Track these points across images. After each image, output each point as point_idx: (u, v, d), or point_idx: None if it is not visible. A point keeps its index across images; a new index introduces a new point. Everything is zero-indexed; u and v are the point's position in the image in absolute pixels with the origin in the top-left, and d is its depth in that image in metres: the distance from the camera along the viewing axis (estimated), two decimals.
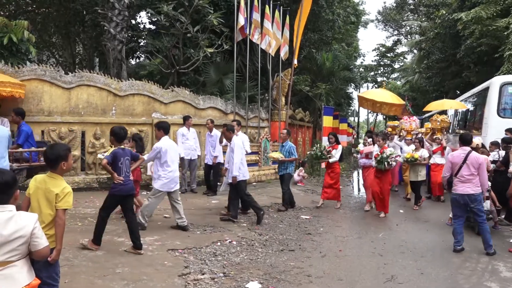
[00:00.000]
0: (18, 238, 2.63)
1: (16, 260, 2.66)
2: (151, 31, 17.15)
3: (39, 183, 3.34)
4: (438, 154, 11.04)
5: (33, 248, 2.73)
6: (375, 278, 5.21)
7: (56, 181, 3.36)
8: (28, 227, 2.68)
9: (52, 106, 10.10)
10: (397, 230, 7.85)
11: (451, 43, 22.18)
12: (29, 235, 2.68)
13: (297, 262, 5.69)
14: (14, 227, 2.63)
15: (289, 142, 9.59)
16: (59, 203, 3.28)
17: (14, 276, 2.63)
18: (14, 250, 2.63)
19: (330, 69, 23.69)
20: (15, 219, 2.66)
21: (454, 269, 5.65)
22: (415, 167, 10.27)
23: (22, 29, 10.50)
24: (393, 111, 13.30)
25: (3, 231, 2.59)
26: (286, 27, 15.17)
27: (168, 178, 6.78)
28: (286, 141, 9.56)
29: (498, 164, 8.33)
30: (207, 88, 15.34)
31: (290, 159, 9.29)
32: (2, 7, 16.53)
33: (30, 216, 2.77)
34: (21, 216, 2.71)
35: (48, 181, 3.35)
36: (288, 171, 9.38)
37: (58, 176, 3.40)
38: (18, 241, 2.64)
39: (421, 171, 10.26)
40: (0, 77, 8.89)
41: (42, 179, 3.37)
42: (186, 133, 10.44)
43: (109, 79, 10.94)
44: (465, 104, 14.85)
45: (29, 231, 2.68)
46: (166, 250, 5.83)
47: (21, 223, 2.67)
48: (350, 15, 24.97)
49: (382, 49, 43.05)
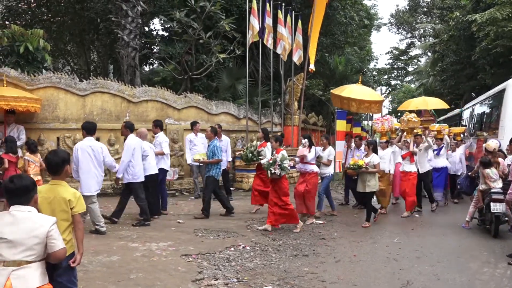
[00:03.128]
0: (33, 238, 2.73)
1: (31, 262, 2.73)
2: (164, 37, 17.31)
3: (45, 193, 3.29)
4: (407, 160, 9.39)
5: (50, 250, 2.80)
6: (390, 284, 5.15)
7: (63, 187, 3.37)
8: (44, 228, 2.78)
9: (67, 113, 10.23)
10: (412, 234, 7.75)
11: (466, 45, 21.92)
12: (45, 236, 2.77)
13: (311, 268, 5.65)
14: (31, 226, 2.74)
15: (214, 141, 8.68)
16: (75, 208, 3.31)
17: (27, 278, 2.70)
18: (29, 249, 2.72)
19: (343, 73, 23.61)
20: (32, 219, 2.78)
21: (471, 274, 5.55)
22: (362, 176, 8.44)
23: (37, 37, 10.69)
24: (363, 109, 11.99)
25: (19, 229, 2.71)
26: (299, 32, 15.16)
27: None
28: (211, 140, 8.73)
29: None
30: (220, 93, 15.40)
31: (212, 160, 8.43)
32: (19, 17, 16.86)
33: (47, 218, 2.87)
34: (38, 217, 2.84)
35: (55, 189, 3.33)
36: (212, 174, 8.46)
37: (63, 182, 3.41)
38: (34, 240, 2.73)
39: (369, 181, 8.36)
40: (16, 92, 9.02)
41: (47, 189, 3.35)
42: (193, 139, 10.38)
43: (123, 86, 11.06)
44: (480, 107, 14.65)
45: (45, 231, 2.77)
46: (180, 255, 5.84)
47: (38, 223, 2.79)
48: (363, 18, 24.87)
49: (395, 52, 42.73)
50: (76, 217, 3.32)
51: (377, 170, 8.42)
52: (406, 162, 9.41)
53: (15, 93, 8.98)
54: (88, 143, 6.90)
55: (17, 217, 2.77)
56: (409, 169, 9.37)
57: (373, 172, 8.36)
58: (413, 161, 9.35)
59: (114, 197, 9.98)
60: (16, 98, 8.82)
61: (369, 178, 8.37)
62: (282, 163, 7.36)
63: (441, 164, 10.75)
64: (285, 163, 7.37)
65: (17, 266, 2.70)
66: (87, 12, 16.79)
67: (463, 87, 24.64)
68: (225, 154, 10.41)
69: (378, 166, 8.46)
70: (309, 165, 8.25)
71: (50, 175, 3.46)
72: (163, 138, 8.97)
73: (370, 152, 8.61)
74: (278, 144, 7.95)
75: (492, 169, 7.72)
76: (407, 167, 9.40)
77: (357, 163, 8.37)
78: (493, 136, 11.11)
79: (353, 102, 11.30)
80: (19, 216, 2.78)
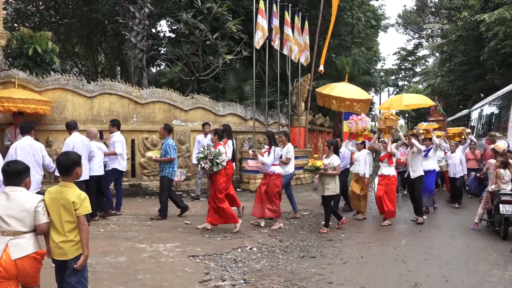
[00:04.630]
0: (24, 212, 3.24)
1: (25, 232, 3.24)
2: (171, 39, 17.38)
3: (53, 195, 3.42)
4: (385, 162, 8.63)
5: (36, 222, 3.28)
6: (398, 286, 5.11)
7: (70, 189, 3.45)
8: (32, 204, 3.28)
9: (75, 114, 10.29)
10: (420, 236, 7.70)
11: (474, 46, 21.77)
12: (33, 211, 3.27)
13: (318, 269, 5.63)
14: (22, 203, 3.26)
15: (168, 139, 8.35)
16: (79, 210, 3.38)
17: (21, 245, 3.21)
18: (22, 222, 3.24)
19: (350, 74, 23.47)
20: (23, 197, 3.29)
21: (480, 276, 5.50)
22: (322, 179, 7.85)
23: (46, 40, 10.77)
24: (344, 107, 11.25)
25: (13, 205, 3.23)
26: (305, 33, 15.14)
27: None
28: (164, 138, 8.45)
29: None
30: (227, 94, 15.42)
31: (164, 159, 8.18)
32: (27, 19, 17.00)
33: (35, 196, 3.38)
34: (28, 195, 3.34)
35: (62, 190, 3.44)
36: (165, 174, 8.23)
37: (71, 184, 3.49)
38: (24, 214, 3.24)
39: (328, 184, 7.71)
40: (24, 94, 9.08)
41: (56, 190, 3.47)
42: (201, 140, 10.38)
43: (130, 87, 11.11)
44: (489, 107, 14.53)
45: (33, 207, 3.27)
46: (187, 256, 5.84)
47: (28, 200, 3.29)
48: (370, 19, 24.77)
49: (402, 53, 42.53)
50: (80, 219, 3.39)
51: (336, 173, 7.75)
52: (384, 165, 8.64)
53: (24, 95, 9.05)
54: (28, 142, 6.85)
55: (11, 196, 3.26)
56: (387, 172, 8.57)
57: (332, 175, 7.72)
58: (391, 163, 8.62)
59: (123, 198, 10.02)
60: (24, 100, 8.89)
61: (328, 181, 7.71)
62: (214, 158, 7.09)
63: (429, 167, 9.69)
64: (219, 158, 7.12)
65: (13, 236, 3.20)
66: (94, 14, 16.90)
67: (471, 87, 24.46)
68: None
69: (338, 168, 7.83)
70: (272, 166, 7.86)
71: (61, 176, 3.57)
72: (118, 138, 8.65)
73: (331, 153, 7.91)
74: (217, 138, 7.67)
75: (506, 170, 7.65)
76: (385, 170, 8.60)
77: (314, 165, 7.73)
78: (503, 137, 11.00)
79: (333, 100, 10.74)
80: (12, 194, 3.27)
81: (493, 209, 7.77)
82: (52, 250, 3.40)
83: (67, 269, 3.39)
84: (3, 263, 3.13)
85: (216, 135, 7.72)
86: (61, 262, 3.42)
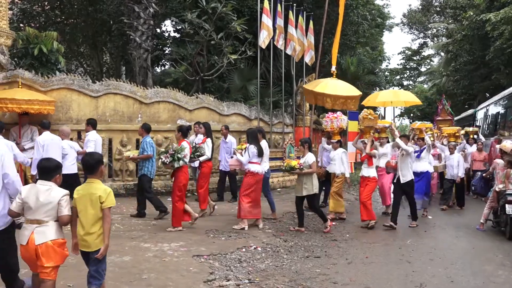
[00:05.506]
0: (49, 204, 3.64)
1: (48, 221, 3.64)
2: (176, 39, 17.40)
3: (82, 191, 3.83)
4: (365, 163, 8.38)
5: (59, 214, 3.67)
6: (403, 286, 5.10)
7: (96, 184, 3.84)
8: (57, 197, 3.66)
9: (81, 114, 10.32)
10: (425, 236, 7.67)
11: (480, 45, 21.67)
12: (57, 203, 3.65)
13: (323, 269, 5.62)
14: (49, 196, 3.65)
15: (146, 138, 8.11)
16: (104, 202, 3.76)
17: (45, 232, 3.62)
18: (47, 212, 3.64)
19: (354, 74, 23.44)
20: (50, 191, 3.68)
21: (485, 277, 5.47)
22: (299, 178, 7.72)
23: (51, 40, 10.81)
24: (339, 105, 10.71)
25: (41, 198, 3.63)
26: (310, 32, 15.12)
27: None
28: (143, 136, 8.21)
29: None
30: (231, 94, 15.42)
31: (141, 156, 8.01)
32: (33, 19, 17.07)
33: (61, 191, 3.73)
34: (55, 190, 3.71)
35: (89, 186, 3.83)
36: (144, 172, 8.03)
37: (96, 180, 3.88)
38: (49, 206, 3.64)
39: (306, 183, 7.52)
40: (28, 95, 9.11)
41: (84, 186, 3.88)
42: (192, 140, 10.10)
43: (135, 87, 11.12)
44: (495, 107, 14.45)
45: (57, 200, 3.65)
46: (192, 256, 5.85)
47: (53, 194, 3.67)
48: (376, 17, 24.69)
49: (407, 52, 42.35)
50: (105, 211, 3.77)
51: (312, 171, 7.57)
52: (364, 166, 8.42)
53: (27, 95, 9.08)
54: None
55: (40, 189, 3.67)
56: (367, 174, 8.32)
57: (308, 173, 7.55)
58: (371, 164, 8.34)
59: (127, 197, 10.05)
60: (28, 101, 8.91)
61: (305, 180, 7.55)
62: (176, 153, 6.94)
63: (421, 168, 9.26)
64: (181, 154, 6.97)
65: (38, 224, 3.62)
66: (99, 14, 16.94)
67: (477, 87, 24.35)
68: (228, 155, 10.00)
69: (314, 166, 7.62)
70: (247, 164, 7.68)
71: (87, 174, 3.97)
72: (91, 137, 8.43)
73: (306, 151, 7.74)
74: (181, 135, 7.54)
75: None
76: (365, 172, 8.36)
77: (289, 164, 7.56)
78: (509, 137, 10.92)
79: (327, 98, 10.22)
80: (41, 188, 3.68)
81: (499, 209, 7.74)
82: (78, 242, 3.81)
83: (90, 260, 3.82)
84: (27, 247, 3.59)
85: (179, 132, 7.59)
86: (86, 253, 3.84)
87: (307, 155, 7.66)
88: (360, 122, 8.87)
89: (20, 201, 3.67)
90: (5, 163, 3.84)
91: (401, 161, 8.26)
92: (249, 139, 7.81)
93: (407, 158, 8.22)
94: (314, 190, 7.61)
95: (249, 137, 7.82)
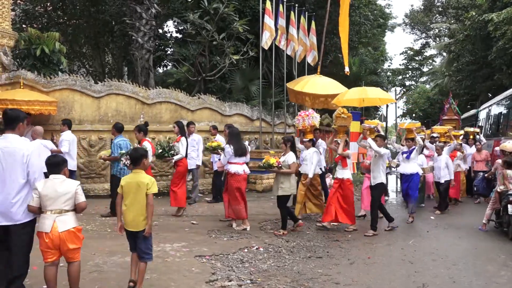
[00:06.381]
0: (67, 194, 4.00)
1: (68, 210, 4.01)
2: (178, 39, 17.43)
3: (129, 179, 4.46)
4: (339, 164, 7.96)
5: (76, 202, 4.05)
6: (406, 286, 5.09)
7: (142, 174, 4.48)
8: (73, 187, 4.05)
9: (83, 114, 10.35)
10: (428, 237, 7.66)
11: (482, 45, 21.63)
12: (74, 193, 4.03)
13: (325, 269, 5.61)
14: (65, 187, 4.02)
15: (116, 138, 7.96)
16: (150, 189, 4.37)
17: (66, 220, 3.98)
18: (66, 201, 4.00)
19: (356, 74, 23.46)
20: (65, 183, 4.06)
21: (488, 277, 5.46)
22: (276, 177, 7.45)
23: (53, 40, 10.85)
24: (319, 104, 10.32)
25: (59, 189, 3.99)
26: (312, 33, 15.10)
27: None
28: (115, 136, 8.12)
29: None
30: (233, 94, 15.44)
31: (111, 157, 8.01)
32: (35, 20, 17.12)
33: (73, 182, 4.13)
34: (69, 181, 4.10)
35: (136, 176, 4.45)
36: (113, 172, 8.01)
37: (141, 171, 4.51)
38: (67, 196, 4.00)
39: (283, 183, 7.24)
40: (28, 96, 9.12)
41: (130, 176, 4.52)
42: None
43: (137, 88, 11.15)
44: (497, 107, 14.41)
45: (73, 190, 4.04)
46: (194, 256, 5.85)
47: (69, 185, 4.06)
48: (378, 17, 24.69)
49: (410, 53, 42.28)
50: (149, 196, 4.37)
51: (290, 171, 7.27)
52: (338, 167, 8.01)
53: (28, 96, 9.10)
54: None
55: (54, 182, 4.01)
56: (341, 176, 7.84)
57: (286, 173, 7.28)
58: (345, 165, 7.87)
59: None
60: (28, 102, 8.94)
61: (283, 179, 7.28)
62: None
63: (410, 170, 8.80)
64: None
65: (59, 214, 3.96)
66: (102, 15, 16.99)
67: (479, 87, 24.30)
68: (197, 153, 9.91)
69: (293, 166, 7.32)
70: (227, 164, 7.62)
71: (133, 165, 4.62)
72: (65, 137, 8.38)
73: (288, 150, 7.47)
74: (142, 134, 7.48)
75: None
76: (339, 173, 7.91)
77: (268, 162, 7.26)
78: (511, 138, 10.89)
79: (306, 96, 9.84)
80: (56, 181, 4.02)
81: (501, 210, 7.72)
82: (126, 223, 4.40)
83: (138, 238, 4.41)
84: (51, 235, 3.89)
85: (140, 131, 7.50)
86: (133, 232, 4.42)
87: (288, 154, 7.40)
88: (334, 121, 8.43)
89: (37, 196, 3.95)
90: (30, 161, 4.02)
91: (373, 162, 7.90)
92: (228, 138, 7.71)
93: (379, 160, 7.79)
94: (291, 191, 7.37)
95: (229, 136, 7.72)
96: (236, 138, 7.68)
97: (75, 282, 4.12)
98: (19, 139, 4.08)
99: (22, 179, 3.97)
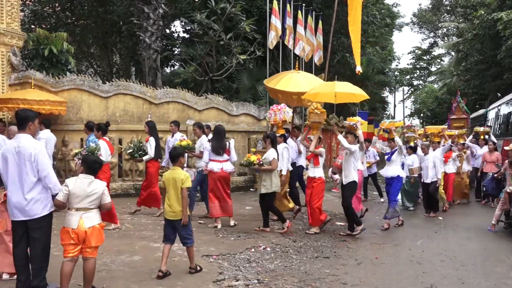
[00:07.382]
0: (94, 194, 4.21)
1: (93, 208, 4.23)
2: (185, 39, 17.47)
3: (169, 175, 5.03)
4: (311, 163, 7.69)
5: (102, 202, 4.28)
6: (414, 287, 5.06)
7: (179, 170, 5.06)
8: (100, 188, 4.27)
9: (91, 114, 10.40)
10: (436, 237, 7.61)
11: (491, 44, 21.44)
12: (101, 193, 4.25)
13: (332, 270, 5.60)
14: (93, 187, 4.23)
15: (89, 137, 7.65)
16: (185, 183, 4.92)
17: (91, 217, 4.20)
18: (92, 201, 4.21)
19: (364, 73, 23.33)
20: (93, 183, 4.26)
21: (497, 279, 5.41)
22: (259, 176, 7.38)
23: (61, 40, 10.91)
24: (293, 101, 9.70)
25: (87, 189, 4.19)
26: (319, 32, 15.07)
27: None
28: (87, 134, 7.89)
29: None
30: (240, 94, 15.44)
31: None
32: (44, 20, 17.24)
33: (102, 183, 4.36)
34: (97, 182, 4.30)
35: (174, 172, 5.03)
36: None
37: (178, 168, 5.09)
38: (94, 196, 4.22)
39: (264, 180, 7.16)
40: (39, 95, 9.18)
41: (169, 172, 5.09)
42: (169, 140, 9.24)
43: (145, 88, 11.18)
44: (507, 107, 14.29)
45: (101, 190, 4.26)
46: (201, 256, 5.86)
47: (97, 186, 4.27)
48: (386, 17, 24.56)
49: (417, 52, 42.06)
50: (184, 190, 4.92)
51: (270, 168, 7.14)
52: (310, 166, 7.72)
53: (38, 96, 9.16)
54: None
55: (84, 181, 4.22)
56: (313, 174, 7.57)
57: (268, 170, 7.14)
58: (317, 164, 7.55)
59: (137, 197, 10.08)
60: (39, 102, 9.00)
61: (265, 177, 7.17)
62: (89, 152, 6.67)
63: (391, 173, 8.39)
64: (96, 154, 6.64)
65: (85, 211, 4.16)
66: (109, 15, 17.06)
67: (488, 87, 24.09)
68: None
69: (274, 162, 7.18)
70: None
71: (171, 163, 5.16)
72: (43, 135, 8.26)
73: (269, 146, 7.32)
74: (101, 134, 7.37)
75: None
76: (311, 172, 7.63)
77: (248, 159, 7.24)
78: None
79: (279, 94, 9.29)
80: (85, 181, 4.23)
81: (510, 210, 7.65)
82: (166, 213, 4.99)
83: (178, 227, 4.95)
84: (77, 231, 4.09)
85: (98, 130, 7.41)
86: (171, 221, 4.97)
87: (268, 151, 7.28)
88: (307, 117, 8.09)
89: (67, 192, 4.15)
90: (38, 160, 4.11)
91: (345, 160, 7.59)
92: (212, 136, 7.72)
93: (351, 158, 7.48)
94: (274, 189, 7.22)
95: (212, 134, 7.71)
96: (218, 135, 7.60)
97: (90, 278, 4.25)
98: (28, 139, 4.17)
99: (33, 177, 4.11)
